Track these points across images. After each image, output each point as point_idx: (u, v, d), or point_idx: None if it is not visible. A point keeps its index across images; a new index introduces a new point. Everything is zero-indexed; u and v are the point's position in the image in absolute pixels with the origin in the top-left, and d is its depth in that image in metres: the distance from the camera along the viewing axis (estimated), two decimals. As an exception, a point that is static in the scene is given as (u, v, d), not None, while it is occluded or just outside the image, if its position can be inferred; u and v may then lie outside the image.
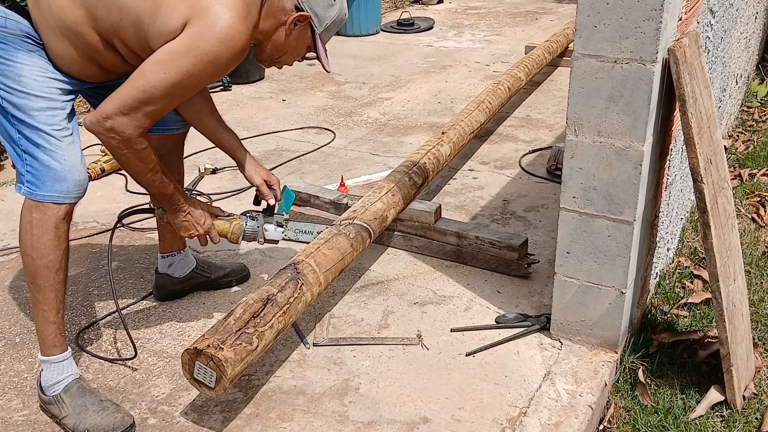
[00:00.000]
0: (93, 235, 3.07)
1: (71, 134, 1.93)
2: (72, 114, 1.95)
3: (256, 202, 2.32)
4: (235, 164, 2.30)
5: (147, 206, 2.31)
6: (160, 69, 1.77)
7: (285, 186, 2.37)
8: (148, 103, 1.79)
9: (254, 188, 2.29)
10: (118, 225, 2.23)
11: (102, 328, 2.45)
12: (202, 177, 3.61)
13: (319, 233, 2.36)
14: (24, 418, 2.07)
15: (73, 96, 1.97)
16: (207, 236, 2.16)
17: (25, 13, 1.85)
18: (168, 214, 2.10)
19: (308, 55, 2.10)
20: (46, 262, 1.94)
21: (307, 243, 2.34)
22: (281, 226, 2.29)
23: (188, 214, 2.10)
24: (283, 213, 2.32)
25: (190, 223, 2.11)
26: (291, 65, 2.12)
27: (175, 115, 2.26)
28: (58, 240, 1.94)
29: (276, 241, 2.30)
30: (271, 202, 2.27)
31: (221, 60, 1.79)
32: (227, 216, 2.24)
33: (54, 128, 1.88)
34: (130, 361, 2.26)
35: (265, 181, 2.27)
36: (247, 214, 2.26)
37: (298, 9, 1.96)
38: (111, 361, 2.28)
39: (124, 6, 1.80)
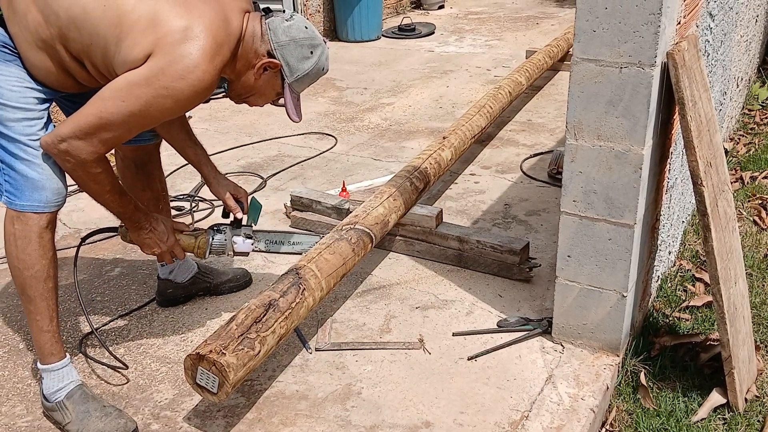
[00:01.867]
0: (96, 242, 3.08)
1: None
2: (48, 122, 1.93)
3: (225, 215, 2.31)
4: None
5: (110, 226, 2.29)
6: (119, 97, 1.75)
7: (253, 197, 2.36)
8: (105, 129, 1.77)
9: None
10: (82, 245, 2.21)
11: (105, 335, 2.46)
12: (204, 183, 3.62)
13: (291, 243, 2.37)
14: (28, 424, 2.07)
15: (48, 104, 1.96)
16: (171, 253, 2.15)
17: (1, 23, 1.84)
18: (130, 233, 2.09)
19: (280, 101, 2.07)
20: (33, 272, 1.94)
21: (280, 253, 2.34)
22: (250, 238, 2.27)
23: (150, 232, 2.08)
24: (252, 224, 2.31)
25: (152, 241, 2.09)
26: (261, 107, 2.11)
27: None
28: (43, 249, 1.94)
29: (246, 254, 2.28)
30: (239, 215, 2.26)
31: (182, 96, 1.76)
32: (193, 231, 2.22)
33: (31, 138, 1.87)
34: (124, 371, 2.25)
35: (232, 194, 2.27)
36: (215, 228, 2.25)
37: (270, 55, 1.94)
38: (111, 367, 2.28)
39: (94, 32, 1.77)
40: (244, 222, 2.29)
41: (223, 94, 4.94)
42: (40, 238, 1.93)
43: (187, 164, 3.71)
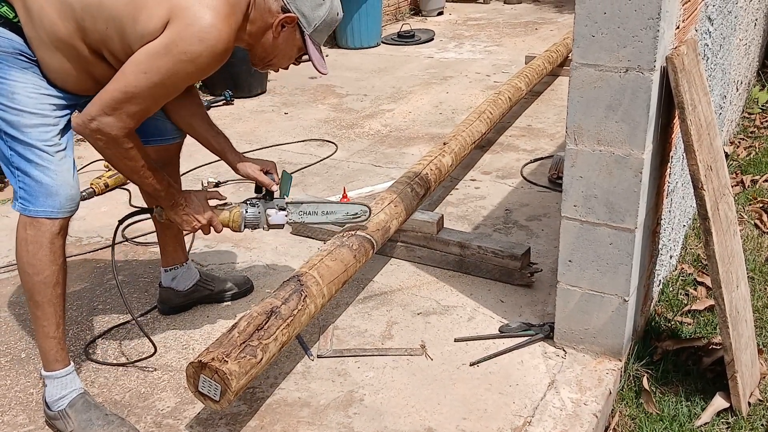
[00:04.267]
0: (97, 250, 3.08)
1: (64, 149, 1.94)
2: (66, 129, 1.96)
3: (258, 190, 2.29)
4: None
5: (144, 207, 2.28)
6: (140, 69, 1.79)
7: (283, 170, 2.34)
8: (130, 102, 1.81)
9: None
10: (120, 226, 2.20)
11: (107, 342, 2.46)
12: (205, 190, 3.62)
13: (325, 213, 2.33)
14: (30, 434, 2.07)
15: (68, 112, 1.98)
16: (210, 227, 2.14)
17: (18, 30, 1.86)
18: (166, 211, 2.09)
19: (303, 58, 2.09)
20: (43, 277, 1.95)
21: (314, 224, 2.26)
22: (284, 210, 2.25)
23: (186, 207, 2.08)
24: (284, 197, 2.29)
25: (190, 216, 2.09)
26: (286, 68, 2.12)
27: (170, 124, 2.28)
28: (53, 255, 1.95)
29: (281, 226, 2.25)
30: (273, 188, 2.24)
31: (201, 59, 1.80)
32: (225, 205, 2.21)
33: (47, 144, 1.89)
34: (150, 359, 2.28)
35: (261, 169, 2.26)
36: (248, 202, 2.23)
37: (284, 10, 1.95)
38: (125, 365, 2.28)
39: (109, 15, 1.81)
40: (276, 195, 2.27)
41: (223, 101, 5.00)
42: (52, 244, 1.94)
43: (189, 171, 3.75)
